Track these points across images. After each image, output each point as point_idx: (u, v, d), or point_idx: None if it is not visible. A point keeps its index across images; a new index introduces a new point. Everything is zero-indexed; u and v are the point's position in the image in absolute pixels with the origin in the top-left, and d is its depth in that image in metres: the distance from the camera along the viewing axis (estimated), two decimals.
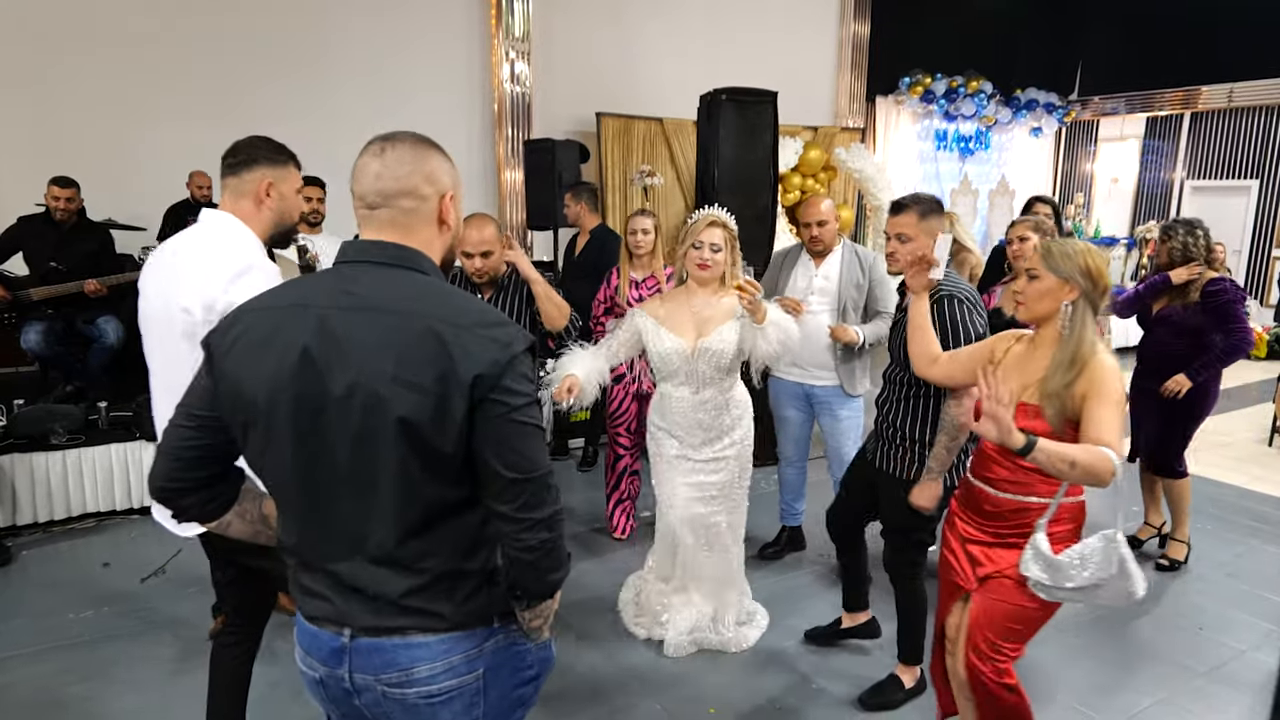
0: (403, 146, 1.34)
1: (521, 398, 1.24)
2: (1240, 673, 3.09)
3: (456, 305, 1.27)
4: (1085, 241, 2.13)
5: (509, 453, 1.23)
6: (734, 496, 3.09)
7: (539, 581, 1.31)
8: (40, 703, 2.78)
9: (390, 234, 1.33)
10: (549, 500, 1.27)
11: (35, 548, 3.94)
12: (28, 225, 4.61)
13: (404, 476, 1.24)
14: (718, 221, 2.90)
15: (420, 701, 1.33)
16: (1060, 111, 11.43)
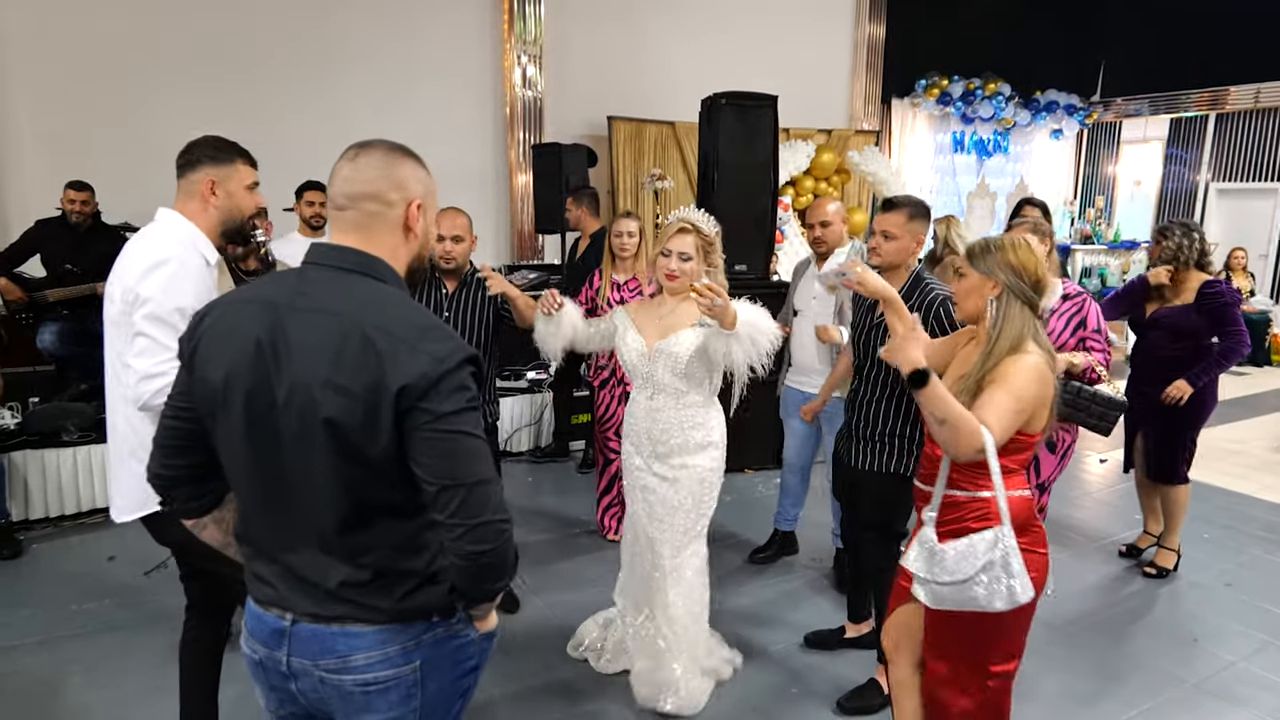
0: (375, 153, 1.38)
1: (449, 408, 1.25)
2: (1230, 684, 3.05)
3: (400, 316, 1.29)
4: (1016, 237, 2.10)
5: (433, 462, 1.25)
6: (677, 523, 2.77)
7: (476, 588, 1.33)
8: (41, 690, 2.88)
9: (354, 237, 1.37)
10: (485, 510, 1.26)
11: (45, 541, 4.07)
12: (45, 228, 4.75)
13: (337, 476, 1.29)
14: (688, 227, 2.67)
15: (356, 690, 1.36)
16: (1081, 114, 11.28)
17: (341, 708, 1.40)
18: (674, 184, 7.70)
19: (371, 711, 1.39)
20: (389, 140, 1.42)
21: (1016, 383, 1.92)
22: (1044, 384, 1.96)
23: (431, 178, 1.45)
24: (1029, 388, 1.93)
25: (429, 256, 1.52)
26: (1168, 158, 11.24)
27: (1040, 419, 1.99)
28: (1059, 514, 4.59)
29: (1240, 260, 9.33)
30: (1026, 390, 1.92)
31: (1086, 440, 6.03)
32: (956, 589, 1.92)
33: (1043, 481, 3.39)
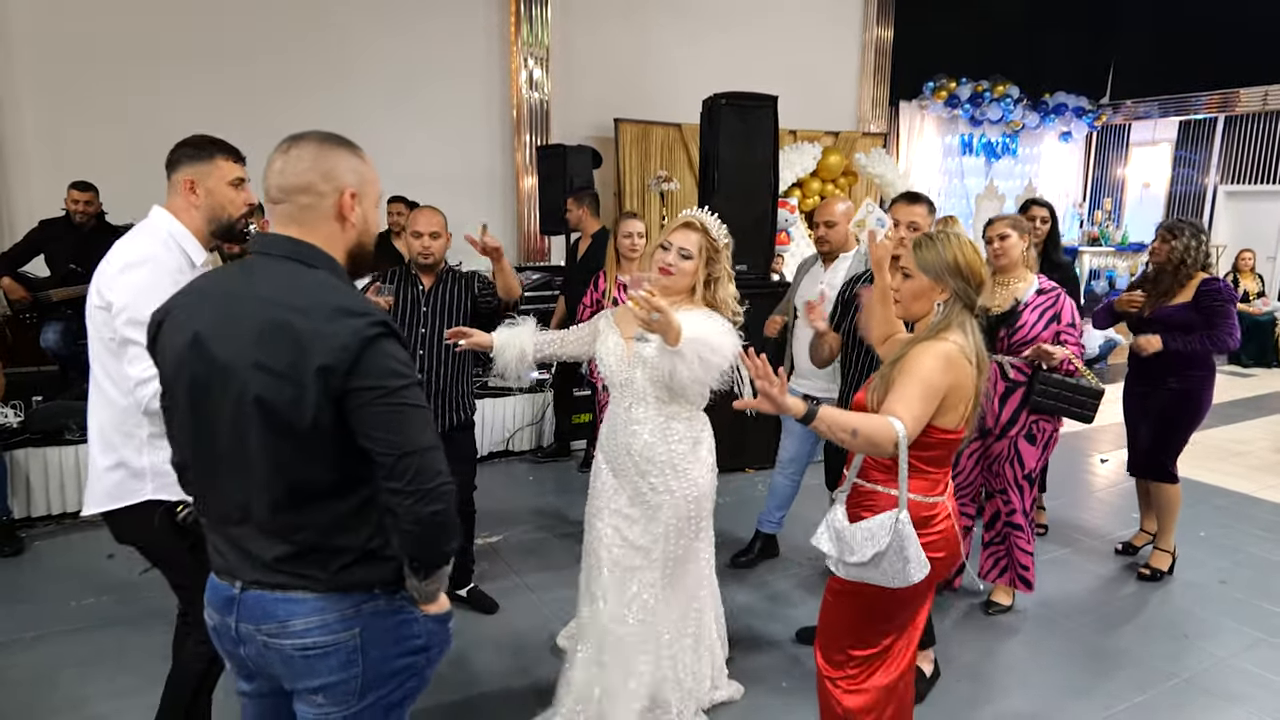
0: (306, 145, 1.43)
1: (388, 385, 1.32)
2: (1220, 680, 3.04)
3: (317, 297, 1.35)
4: (959, 232, 2.09)
5: (379, 435, 1.32)
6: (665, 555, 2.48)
7: (431, 551, 1.40)
8: (36, 684, 2.91)
9: (291, 228, 1.43)
10: (430, 474, 1.33)
11: (47, 538, 4.11)
12: (49, 228, 4.82)
13: (268, 455, 1.36)
14: (694, 224, 2.43)
15: (296, 654, 1.42)
16: (1090, 116, 11.23)
17: (285, 673, 1.46)
18: (680, 186, 7.71)
19: (313, 676, 1.44)
20: (322, 131, 1.47)
21: (919, 367, 1.89)
22: (955, 371, 1.90)
23: (369, 166, 1.49)
24: (936, 376, 1.88)
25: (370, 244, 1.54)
26: (1176, 159, 11.17)
27: (955, 413, 1.94)
28: (1061, 512, 4.57)
29: (1248, 262, 9.27)
30: (934, 378, 1.88)
31: (1088, 440, 6.00)
32: (860, 568, 1.96)
33: (1029, 473, 3.36)
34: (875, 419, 1.83)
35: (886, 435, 1.81)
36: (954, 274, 1.98)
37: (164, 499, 2.01)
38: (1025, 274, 3.30)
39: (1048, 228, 4.00)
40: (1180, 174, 11.20)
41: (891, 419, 1.82)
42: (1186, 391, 3.68)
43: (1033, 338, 3.19)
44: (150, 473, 2.00)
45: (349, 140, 1.49)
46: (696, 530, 2.53)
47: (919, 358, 1.91)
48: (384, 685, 1.48)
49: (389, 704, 1.51)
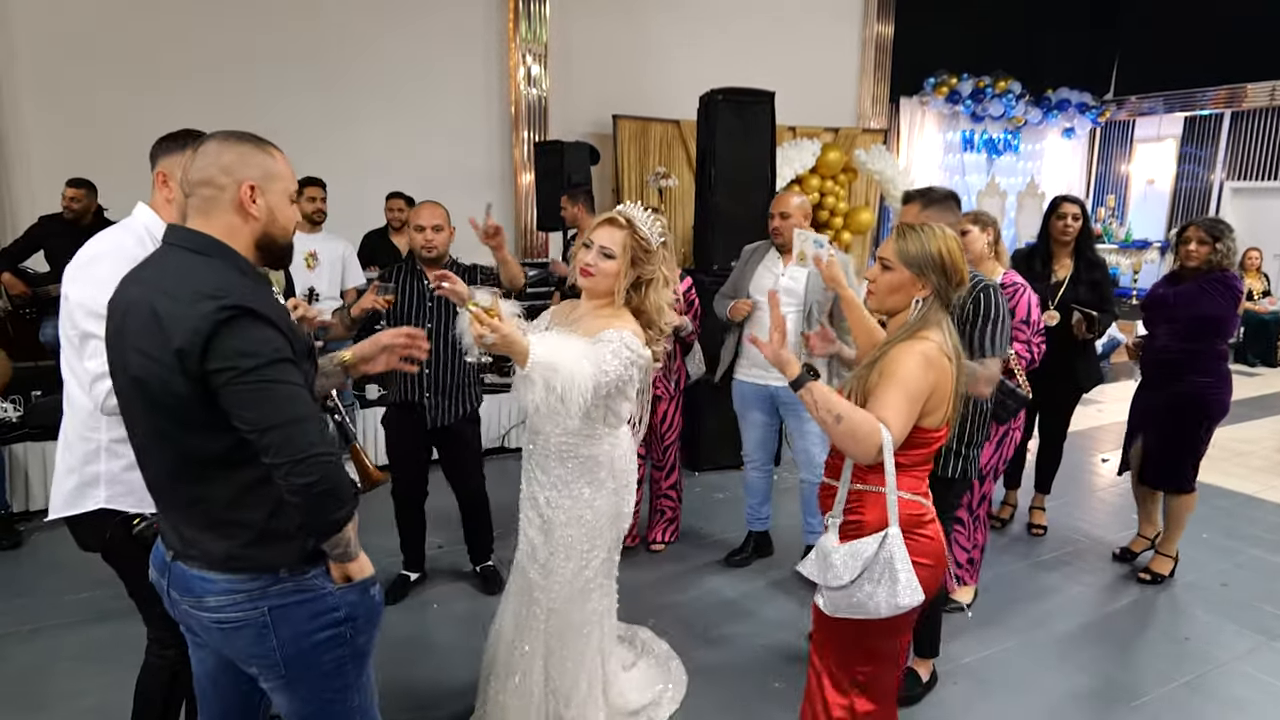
0: (210, 142, 1.52)
1: (244, 365, 1.37)
2: (1220, 683, 3.02)
3: (182, 281, 1.42)
4: (945, 229, 1.97)
5: (242, 412, 1.39)
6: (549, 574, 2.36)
7: (318, 520, 1.44)
8: (32, 676, 2.93)
9: (195, 219, 1.52)
10: (297, 446, 1.37)
11: (45, 532, 4.12)
12: (49, 224, 4.83)
13: (157, 430, 1.48)
14: (620, 221, 2.21)
15: (214, 626, 1.54)
16: (1094, 112, 11.17)
17: (209, 640, 1.60)
18: (678, 182, 7.69)
19: (234, 647, 1.56)
20: (230, 130, 1.56)
21: (900, 370, 1.82)
22: (935, 371, 1.85)
23: (277, 161, 1.56)
24: (918, 377, 1.82)
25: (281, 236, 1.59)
26: (1182, 156, 11.11)
27: (939, 413, 1.89)
28: (1059, 515, 4.55)
29: (1254, 261, 9.21)
30: (916, 381, 1.82)
31: (1090, 440, 5.98)
32: (845, 593, 1.84)
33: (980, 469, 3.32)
34: (865, 415, 1.78)
35: (871, 435, 1.76)
36: (937, 269, 1.90)
37: (118, 509, 1.96)
38: (993, 268, 3.26)
39: (1079, 224, 3.92)
40: (1186, 170, 11.14)
41: (881, 426, 1.77)
42: (1192, 396, 3.61)
43: None
44: (105, 480, 1.95)
45: (257, 137, 1.56)
46: (587, 559, 2.36)
47: (899, 360, 1.84)
48: (309, 657, 1.55)
49: (324, 673, 1.58)
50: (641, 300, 2.26)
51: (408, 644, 3.17)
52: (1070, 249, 3.95)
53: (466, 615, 3.39)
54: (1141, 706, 2.87)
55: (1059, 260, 3.99)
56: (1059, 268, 3.99)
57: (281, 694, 1.60)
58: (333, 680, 1.60)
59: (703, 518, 4.45)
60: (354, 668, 1.62)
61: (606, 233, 2.22)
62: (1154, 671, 3.09)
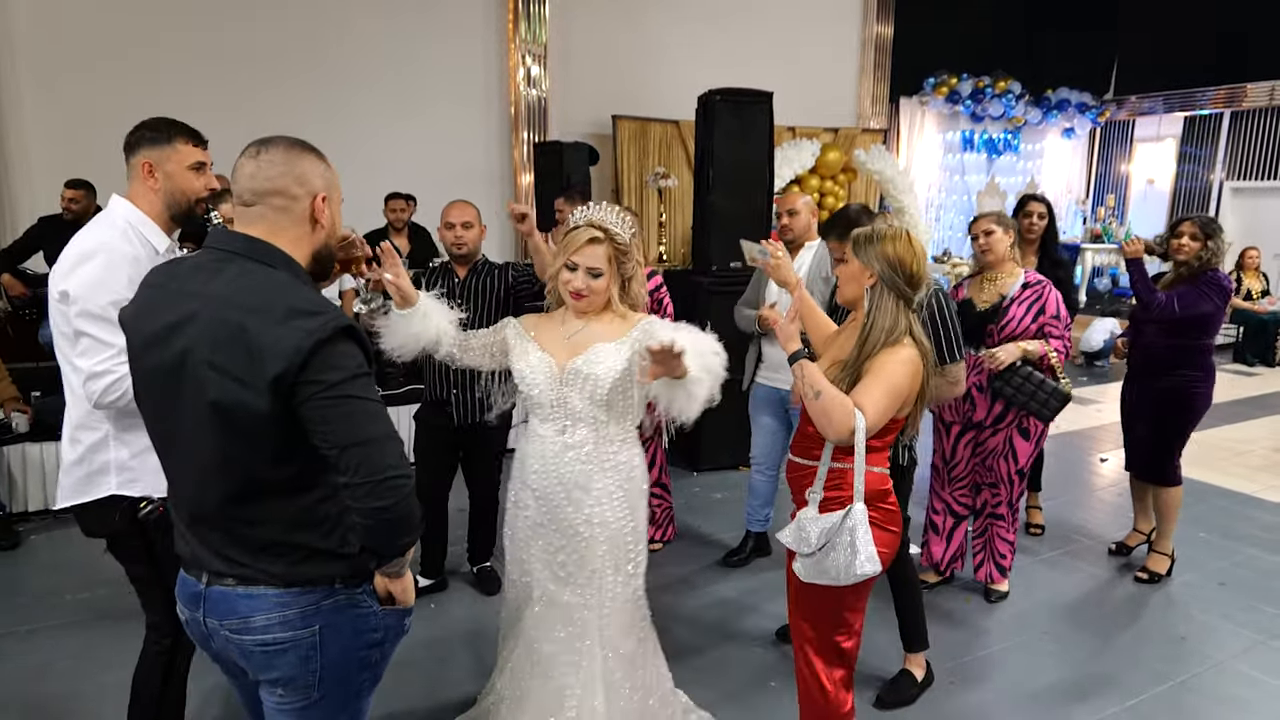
0: (276, 149, 1.46)
1: (336, 377, 1.32)
2: (1215, 682, 3.02)
3: (272, 298, 1.36)
4: (898, 228, 2.13)
5: (327, 428, 1.33)
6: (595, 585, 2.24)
7: (385, 544, 1.41)
8: (30, 676, 2.93)
9: (259, 229, 1.44)
10: (375, 468, 1.32)
11: (43, 534, 4.14)
12: (48, 225, 4.84)
13: (220, 452, 1.38)
14: (599, 236, 2.11)
15: (256, 650, 1.45)
16: (1094, 112, 11.17)
17: (248, 665, 1.50)
18: (678, 182, 7.70)
19: (272, 669, 1.47)
20: (289, 136, 1.50)
21: (892, 376, 2.01)
22: (916, 377, 2.05)
23: (333, 171, 1.54)
24: (903, 381, 2.01)
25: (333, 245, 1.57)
26: (1181, 156, 11.11)
27: (908, 406, 2.09)
28: (1059, 512, 4.55)
29: (1253, 260, 9.20)
30: (900, 383, 2.01)
31: (1088, 440, 5.98)
32: (816, 560, 2.01)
33: (1021, 468, 3.44)
34: (842, 398, 1.96)
35: (844, 417, 1.94)
36: (881, 259, 2.05)
37: (126, 494, 1.99)
38: (1013, 269, 3.32)
39: (1045, 224, 3.98)
40: (1185, 170, 11.14)
41: (856, 410, 1.95)
42: (1177, 390, 3.65)
43: (1020, 331, 3.23)
44: (114, 467, 1.99)
45: (314, 146, 1.53)
46: (635, 563, 2.29)
47: (888, 364, 2.02)
48: (341, 678, 1.51)
49: (345, 696, 1.54)
50: (632, 297, 2.24)
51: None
52: (1036, 247, 3.99)
53: (477, 630, 3.37)
54: (1138, 705, 2.87)
55: (1025, 258, 4.02)
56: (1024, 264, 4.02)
57: (289, 714, 1.53)
58: (351, 703, 1.57)
59: (701, 517, 4.46)
60: (368, 692, 1.60)
61: (589, 254, 2.13)
62: (1150, 670, 3.08)
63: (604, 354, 2.15)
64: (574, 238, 2.14)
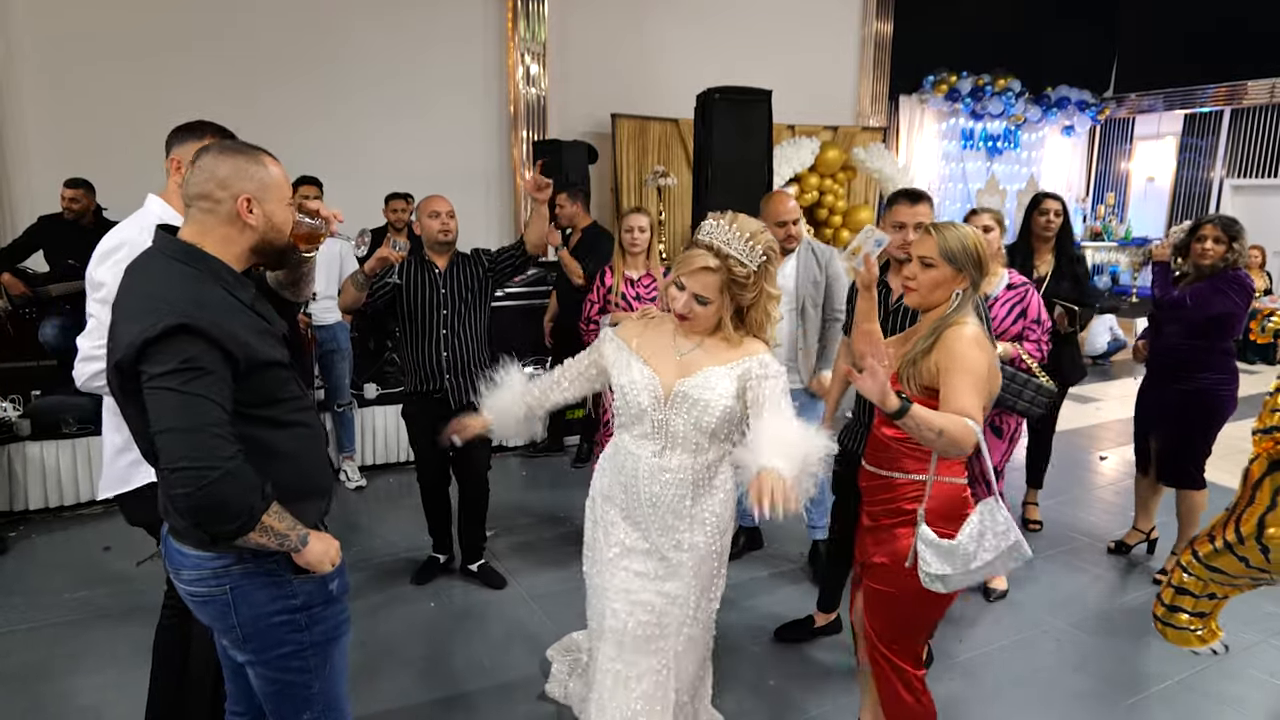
0: (206, 156, 1.58)
1: (158, 369, 1.42)
2: (1214, 681, 3.01)
3: (141, 294, 1.50)
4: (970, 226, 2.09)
5: (148, 416, 1.44)
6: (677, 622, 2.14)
7: (203, 528, 1.47)
8: (28, 674, 2.94)
9: (189, 230, 1.58)
10: (172, 456, 1.40)
11: (43, 534, 4.14)
12: (48, 224, 4.84)
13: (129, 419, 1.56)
14: (712, 266, 1.96)
15: (189, 599, 1.66)
16: (1094, 110, 11.16)
17: (191, 609, 1.69)
18: (677, 181, 7.69)
19: (203, 617, 1.68)
20: (225, 142, 1.64)
21: (962, 356, 1.92)
22: (986, 351, 1.98)
23: (269, 169, 1.62)
24: (979, 360, 1.92)
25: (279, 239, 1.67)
26: (1182, 153, 11.09)
27: (993, 385, 2.02)
28: (1059, 510, 4.55)
29: (1256, 258, 9.18)
30: (974, 359, 1.92)
31: (1088, 439, 5.97)
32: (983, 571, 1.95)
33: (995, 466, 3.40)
34: (958, 421, 1.82)
35: (968, 438, 1.83)
36: (973, 262, 2.01)
37: None
38: (998, 269, 3.31)
39: (1060, 221, 3.95)
40: (1186, 168, 11.13)
41: (969, 422, 1.83)
42: (1203, 394, 3.59)
43: (1000, 332, 3.22)
44: None
45: (250, 147, 1.62)
46: (718, 588, 2.23)
47: (957, 348, 1.92)
48: (266, 638, 1.64)
49: (283, 655, 1.65)
50: (755, 322, 2.07)
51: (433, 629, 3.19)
52: (1052, 245, 3.98)
53: (478, 629, 3.39)
54: (1138, 703, 2.87)
55: (1040, 256, 4.01)
56: (1040, 263, 4.01)
57: (250, 669, 1.70)
58: (290, 662, 1.67)
59: None
60: (315, 655, 1.69)
61: (699, 280, 1.98)
62: (1151, 668, 3.09)
63: (715, 379, 2.01)
64: (688, 258, 2.00)
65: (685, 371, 2.05)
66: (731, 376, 2.01)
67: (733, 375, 2.02)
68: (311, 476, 1.70)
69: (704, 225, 2.02)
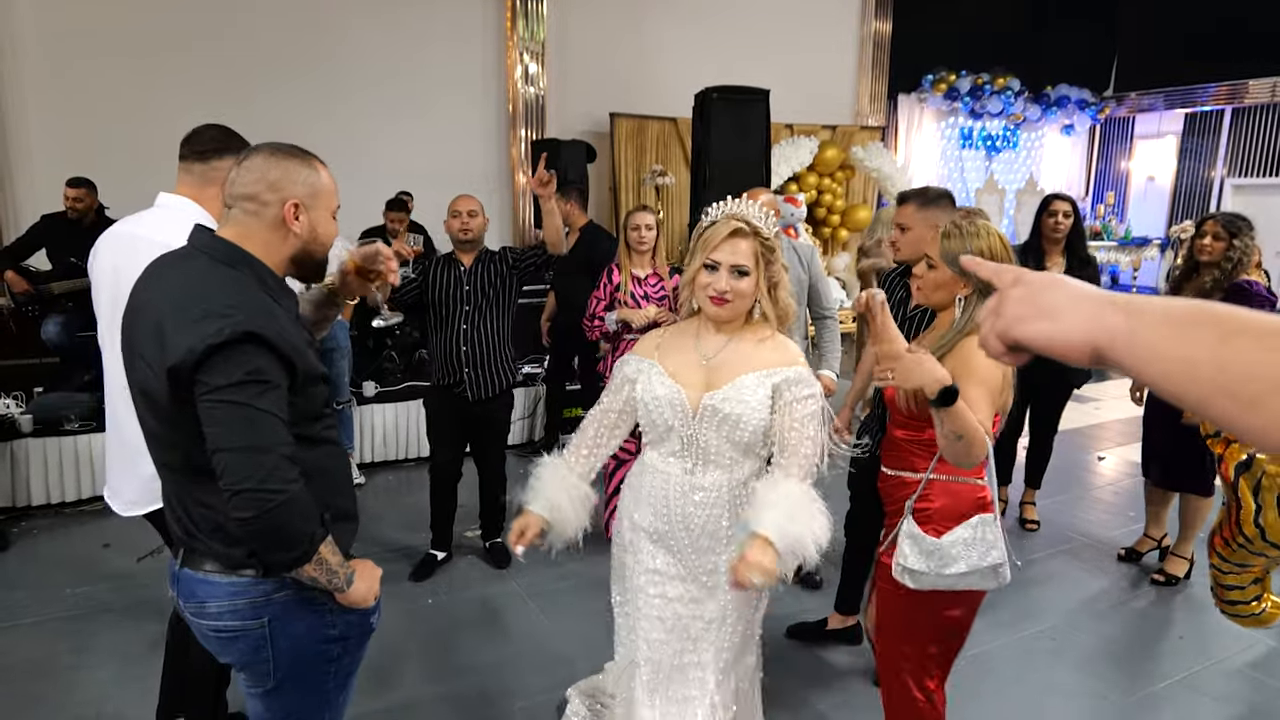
0: (257, 156, 1.50)
1: (222, 380, 1.33)
2: (1213, 681, 3.02)
3: (192, 296, 1.39)
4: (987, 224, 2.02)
5: (209, 430, 1.34)
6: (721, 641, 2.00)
7: (263, 556, 1.39)
8: (31, 669, 2.96)
9: (231, 231, 1.49)
10: (240, 477, 1.31)
11: (45, 528, 4.17)
12: (50, 223, 4.87)
13: (157, 434, 1.48)
14: (744, 230, 1.83)
15: (211, 635, 1.52)
16: (1094, 109, 11.17)
17: (208, 648, 1.57)
18: (675, 180, 7.72)
19: (227, 655, 1.55)
20: (276, 143, 1.54)
21: (978, 367, 1.86)
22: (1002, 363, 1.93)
23: (321, 176, 1.55)
24: (992, 371, 1.87)
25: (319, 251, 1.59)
26: (1182, 152, 11.09)
27: (1006, 397, 1.98)
28: (1058, 511, 4.56)
29: (1255, 258, 9.18)
30: (991, 374, 1.87)
31: (1088, 439, 5.99)
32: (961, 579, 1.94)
33: None
34: (980, 432, 1.76)
35: (980, 451, 1.77)
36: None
37: None
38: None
39: (1070, 222, 3.92)
40: (1186, 167, 11.13)
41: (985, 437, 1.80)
42: None
43: None
44: None
45: (302, 151, 1.54)
46: (760, 607, 2.08)
47: (972, 359, 1.85)
48: (297, 670, 1.55)
49: (306, 688, 1.57)
50: (778, 306, 1.92)
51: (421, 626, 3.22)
52: (1062, 246, 3.97)
53: (477, 627, 3.42)
54: (1137, 703, 2.88)
55: (1051, 258, 4.01)
56: (1051, 265, 4.00)
57: (260, 700, 1.59)
58: (314, 695, 1.60)
59: None
60: (335, 685, 1.63)
61: (733, 247, 1.84)
62: (1149, 669, 3.09)
63: (747, 389, 1.85)
64: (713, 233, 1.85)
65: (713, 381, 1.89)
66: (766, 385, 1.86)
67: (767, 384, 1.86)
68: (344, 497, 1.62)
69: (709, 212, 1.91)
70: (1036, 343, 0.76)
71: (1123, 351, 0.70)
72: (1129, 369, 0.70)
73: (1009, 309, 0.78)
